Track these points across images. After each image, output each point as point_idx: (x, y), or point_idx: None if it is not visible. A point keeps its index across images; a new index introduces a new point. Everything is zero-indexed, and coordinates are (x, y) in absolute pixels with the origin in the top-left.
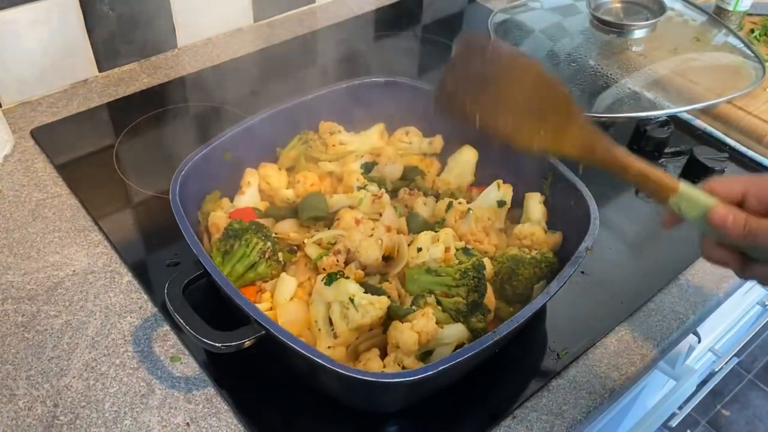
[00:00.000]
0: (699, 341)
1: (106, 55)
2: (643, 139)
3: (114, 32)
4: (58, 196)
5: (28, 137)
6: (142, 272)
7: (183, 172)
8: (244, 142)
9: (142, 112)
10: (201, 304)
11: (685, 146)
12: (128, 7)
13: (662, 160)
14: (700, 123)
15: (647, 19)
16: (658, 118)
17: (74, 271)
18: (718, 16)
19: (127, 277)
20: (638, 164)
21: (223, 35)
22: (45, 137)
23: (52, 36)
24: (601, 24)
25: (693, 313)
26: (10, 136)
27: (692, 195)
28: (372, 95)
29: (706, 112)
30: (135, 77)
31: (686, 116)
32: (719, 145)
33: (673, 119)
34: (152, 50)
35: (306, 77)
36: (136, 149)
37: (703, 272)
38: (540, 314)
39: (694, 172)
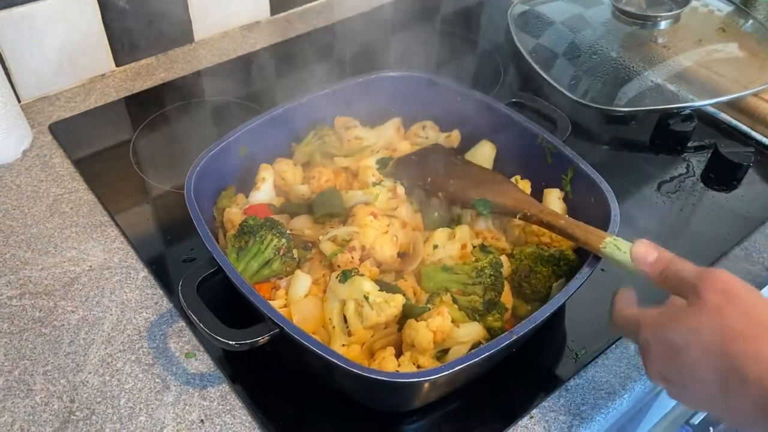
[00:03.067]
0: None
1: (123, 50)
2: (666, 132)
3: (131, 27)
4: (75, 191)
5: (46, 132)
6: (157, 268)
7: (198, 168)
8: (259, 137)
9: (159, 107)
10: (215, 300)
11: (709, 140)
12: (146, 2)
13: (685, 154)
14: (724, 116)
15: (671, 10)
16: (681, 111)
17: (91, 266)
18: (745, 6)
19: (143, 272)
20: (566, 219)
21: (239, 29)
22: (63, 132)
23: (70, 31)
24: (624, 15)
25: None
26: (28, 131)
27: (618, 240)
28: (388, 89)
29: (731, 105)
30: (152, 72)
31: (710, 110)
32: (744, 140)
33: (697, 113)
34: (169, 44)
35: (323, 71)
36: (152, 144)
37: (726, 270)
38: (558, 313)
39: (719, 167)
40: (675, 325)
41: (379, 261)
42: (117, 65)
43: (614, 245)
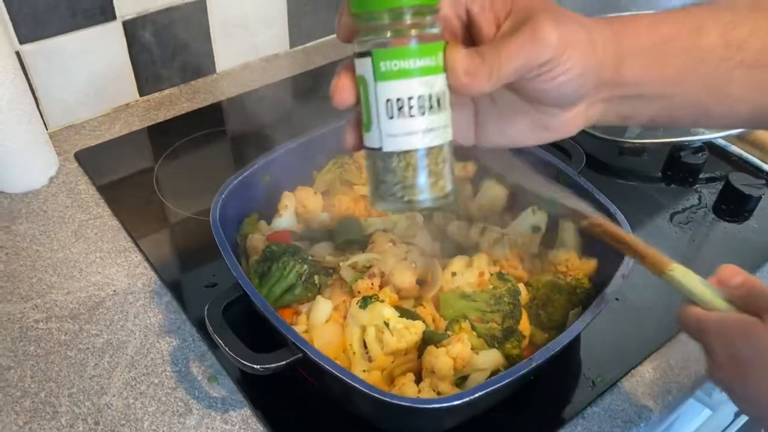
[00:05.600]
0: None
1: (147, 80)
2: (678, 164)
3: (156, 58)
4: (99, 217)
5: (72, 159)
6: (180, 293)
7: (223, 196)
8: (281, 165)
9: (182, 136)
10: (234, 325)
11: (721, 172)
12: (170, 34)
13: (697, 186)
14: (735, 149)
15: None
16: (692, 143)
17: (115, 291)
18: None
19: (166, 297)
20: (632, 235)
21: (260, 61)
22: (88, 159)
23: (97, 62)
24: None
25: None
26: (55, 159)
27: (686, 268)
28: None
29: (741, 138)
30: (175, 101)
31: (721, 142)
32: (756, 172)
33: (708, 145)
34: (192, 75)
35: None
36: (175, 171)
37: None
38: (575, 341)
39: (730, 199)
40: (745, 339)
41: (399, 288)
42: (141, 95)
43: (683, 270)
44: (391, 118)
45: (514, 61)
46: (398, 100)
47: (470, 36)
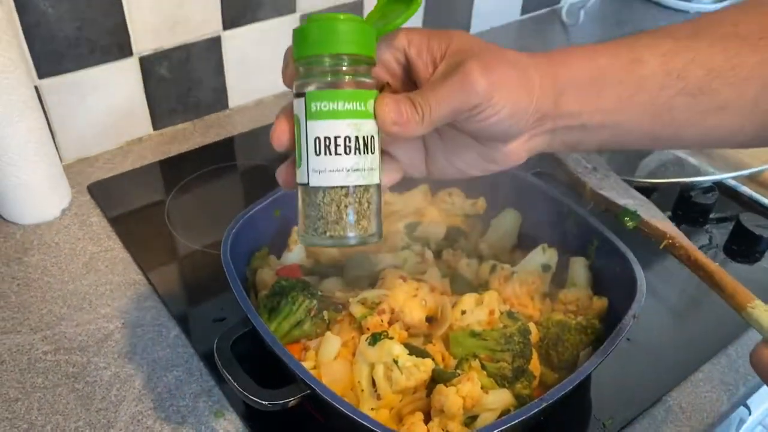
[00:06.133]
0: (750, 414)
1: (161, 115)
2: (688, 204)
3: (170, 93)
4: (111, 250)
5: (84, 192)
6: (188, 326)
7: (234, 230)
8: (292, 200)
9: (194, 170)
10: (242, 359)
11: (731, 213)
12: (185, 70)
13: (707, 226)
14: (746, 189)
15: None
16: (702, 183)
17: (124, 323)
18: None
19: (174, 331)
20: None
21: (273, 97)
22: (100, 192)
23: (113, 97)
24: None
25: (743, 385)
26: (68, 191)
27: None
28: None
29: (752, 179)
30: (188, 136)
31: (732, 182)
32: (767, 213)
33: (718, 185)
34: (205, 110)
35: None
36: (186, 205)
37: (753, 342)
38: (585, 382)
39: (741, 239)
40: None
41: (408, 324)
42: (155, 129)
43: (765, 308)
44: (318, 154)
45: (444, 106)
46: (326, 138)
47: (410, 78)
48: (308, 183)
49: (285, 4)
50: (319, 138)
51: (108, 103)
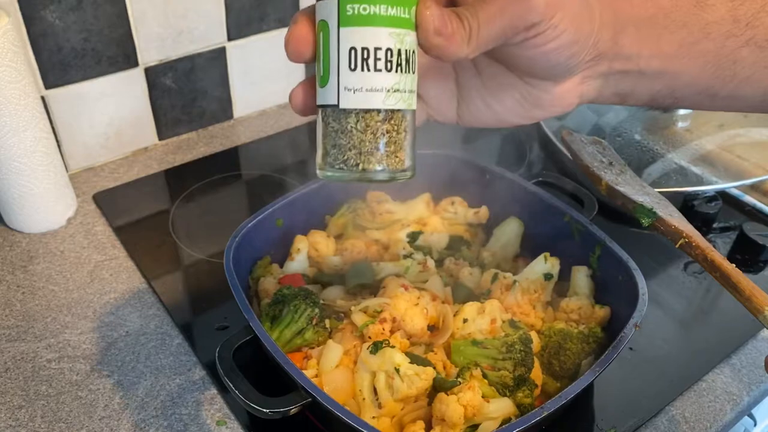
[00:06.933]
0: (755, 424)
1: (166, 125)
2: (691, 214)
3: (175, 104)
4: (115, 258)
5: (90, 201)
6: (192, 334)
7: (237, 239)
8: (295, 209)
9: (198, 179)
10: (245, 367)
11: (734, 222)
12: (190, 80)
13: (711, 235)
14: (749, 199)
15: None
16: (705, 193)
17: (127, 331)
18: None
19: (178, 339)
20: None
21: (276, 107)
22: (106, 201)
23: (119, 107)
24: None
25: (747, 395)
26: (74, 200)
27: None
28: (418, 166)
29: (755, 188)
30: (192, 146)
31: (735, 192)
32: None
33: (721, 195)
34: (210, 120)
35: None
36: (190, 214)
37: (757, 352)
38: (587, 391)
39: (745, 249)
40: None
41: (410, 333)
42: (160, 139)
43: None
44: (353, 69)
45: (496, 23)
46: (363, 49)
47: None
48: (338, 104)
49: (289, 16)
50: (354, 49)
51: (113, 113)
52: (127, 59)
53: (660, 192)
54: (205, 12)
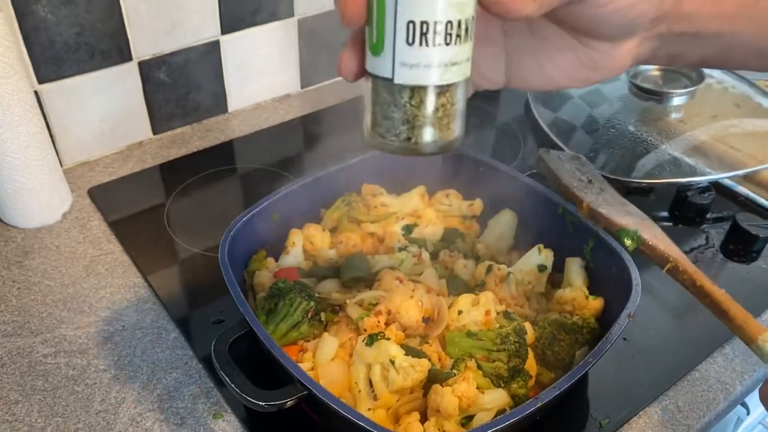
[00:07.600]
0: (748, 413)
1: (161, 119)
2: (684, 205)
3: (169, 97)
4: (111, 253)
5: (85, 196)
6: (188, 329)
7: (232, 233)
8: (290, 203)
9: (193, 173)
10: (241, 361)
11: (728, 212)
12: (184, 74)
13: (704, 226)
14: (742, 189)
15: (686, 87)
16: (699, 183)
17: (124, 326)
18: (758, 84)
19: (174, 333)
20: (724, 292)
21: (271, 101)
22: (101, 196)
23: (113, 101)
24: (640, 91)
25: (740, 384)
26: (68, 195)
27: None
28: (413, 159)
29: (748, 179)
30: (187, 140)
31: (728, 182)
32: (763, 212)
33: (715, 185)
34: (204, 114)
35: (350, 141)
36: (186, 208)
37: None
38: (582, 381)
39: (738, 239)
40: None
41: (405, 325)
42: (154, 133)
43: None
44: (411, 44)
45: None
46: (423, 23)
47: None
48: (392, 79)
49: (283, 9)
50: (413, 22)
51: (108, 107)
52: (121, 53)
53: (654, 183)
54: (198, 5)
